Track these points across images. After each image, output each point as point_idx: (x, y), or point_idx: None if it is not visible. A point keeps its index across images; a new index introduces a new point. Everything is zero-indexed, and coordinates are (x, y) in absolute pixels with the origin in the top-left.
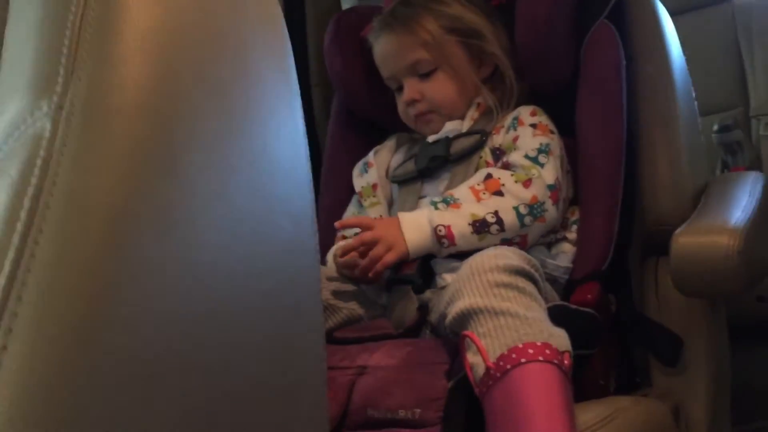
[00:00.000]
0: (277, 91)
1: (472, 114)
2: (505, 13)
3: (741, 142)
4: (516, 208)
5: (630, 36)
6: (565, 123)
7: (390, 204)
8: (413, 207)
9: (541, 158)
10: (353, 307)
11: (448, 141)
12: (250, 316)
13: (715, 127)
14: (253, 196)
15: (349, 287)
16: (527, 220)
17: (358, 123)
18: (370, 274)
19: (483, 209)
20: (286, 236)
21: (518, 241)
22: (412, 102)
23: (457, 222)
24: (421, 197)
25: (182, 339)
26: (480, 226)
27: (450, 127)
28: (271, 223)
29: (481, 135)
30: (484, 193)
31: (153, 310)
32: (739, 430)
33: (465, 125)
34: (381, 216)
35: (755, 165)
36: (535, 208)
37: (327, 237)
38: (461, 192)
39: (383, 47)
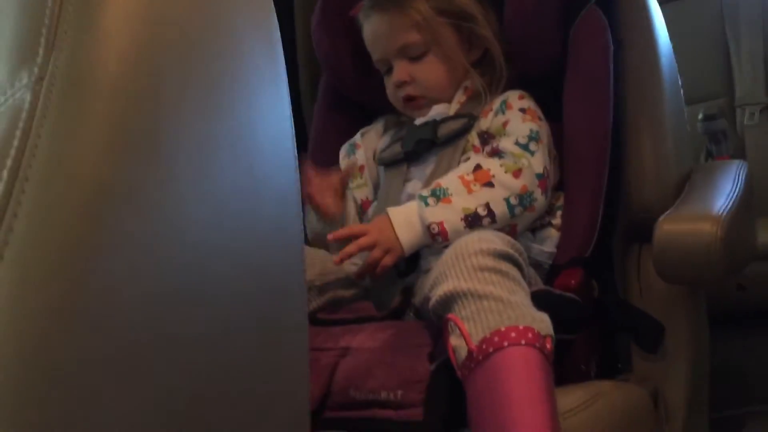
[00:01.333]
0: (264, 69)
1: (460, 97)
2: None
3: (725, 131)
4: (507, 200)
5: (618, 22)
6: (551, 108)
7: (376, 186)
8: (399, 190)
9: (532, 146)
10: (337, 289)
11: (435, 124)
12: (234, 294)
13: (700, 116)
14: (237, 175)
15: (333, 269)
16: (517, 210)
17: (345, 104)
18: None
19: (474, 202)
20: (270, 215)
21: (507, 231)
22: (401, 84)
23: (450, 218)
24: (407, 180)
25: (164, 315)
26: (472, 220)
27: (437, 110)
28: (256, 201)
29: (468, 119)
30: (474, 185)
31: (134, 285)
32: (716, 416)
33: (452, 109)
34: (367, 197)
35: (739, 154)
36: (524, 198)
37: None
38: (451, 182)
39: (374, 27)
